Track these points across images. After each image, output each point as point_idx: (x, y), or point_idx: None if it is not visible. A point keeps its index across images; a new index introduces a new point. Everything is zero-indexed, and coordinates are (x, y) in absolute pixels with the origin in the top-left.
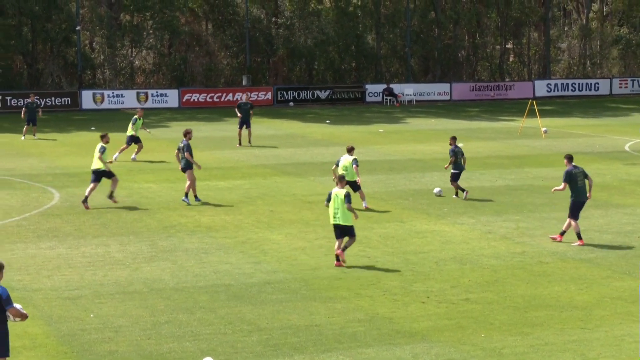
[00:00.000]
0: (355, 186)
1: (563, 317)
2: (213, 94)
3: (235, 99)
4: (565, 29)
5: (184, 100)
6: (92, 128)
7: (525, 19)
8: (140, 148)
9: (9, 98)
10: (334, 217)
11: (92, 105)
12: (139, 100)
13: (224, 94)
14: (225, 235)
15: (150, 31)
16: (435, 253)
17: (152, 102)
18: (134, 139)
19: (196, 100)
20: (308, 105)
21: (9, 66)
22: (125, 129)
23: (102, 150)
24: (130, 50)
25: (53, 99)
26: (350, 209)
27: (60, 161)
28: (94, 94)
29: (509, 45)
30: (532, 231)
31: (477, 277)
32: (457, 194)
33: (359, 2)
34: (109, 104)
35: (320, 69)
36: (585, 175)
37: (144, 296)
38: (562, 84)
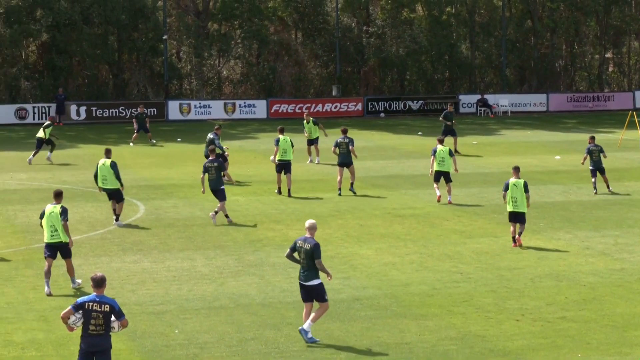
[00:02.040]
0: (448, 177)
1: None
2: (302, 105)
3: (324, 109)
4: None
5: (273, 111)
6: (179, 139)
7: (626, 27)
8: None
9: (94, 108)
10: (513, 205)
11: (179, 116)
12: (226, 111)
13: (314, 105)
14: None
15: (239, 40)
16: (530, 269)
17: (240, 113)
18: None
19: (285, 110)
20: (399, 117)
21: (95, 76)
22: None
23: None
24: (217, 59)
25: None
26: (528, 197)
27: (145, 173)
28: (180, 105)
29: (609, 55)
30: (632, 247)
31: (573, 294)
32: (608, 187)
33: (453, 11)
34: (195, 114)
35: (412, 79)
36: None
37: (230, 312)
38: None
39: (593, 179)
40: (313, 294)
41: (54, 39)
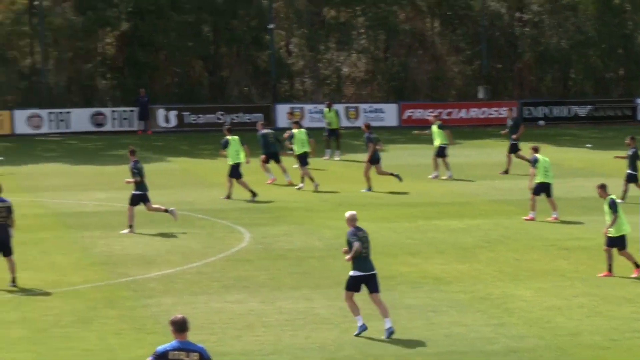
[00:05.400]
0: (550, 190)
1: None
2: (441, 110)
3: (469, 115)
4: None
5: (405, 117)
6: (289, 151)
7: None
8: None
9: (186, 113)
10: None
11: (289, 123)
12: (348, 117)
13: (455, 110)
14: (459, 289)
15: (362, 30)
16: None
17: (365, 120)
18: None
19: (420, 117)
20: (562, 124)
21: (186, 74)
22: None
23: None
24: (336, 54)
25: (241, 115)
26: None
27: (250, 193)
28: (292, 109)
29: None
30: None
31: None
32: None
33: None
34: (310, 121)
35: (578, 78)
36: None
37: None
38: None
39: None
40: (374, 281)
41: (135, 28)
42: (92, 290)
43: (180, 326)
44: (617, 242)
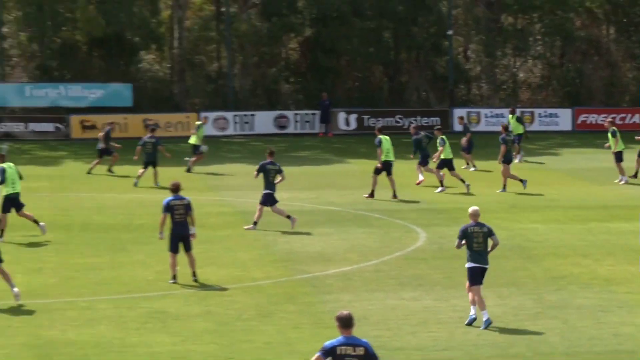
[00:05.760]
0: None
1: None
2: (615, 115)
3: None
4: None
5: (579, 121)
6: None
7: None
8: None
9: (366, 117)
10: None
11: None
12: (523, 121)
13: (629, 115)
14: (629, 290)
15: (538, 37)
16: None
17: (540, 124)
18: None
19: (594, 122)
20: None
21: (367, 79)
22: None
23: None
24: (513, 59)
25: (419, 118)
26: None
27: (426, 194)
28: (468, 113)
29: None
30: None
31: None
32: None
33: None
34: (486, 125)
35: None
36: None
37: None
38: None
39: None
40: (482, 276)
41: (319, 34)
42: (273, 285)
43: (346, 322)
44: None
